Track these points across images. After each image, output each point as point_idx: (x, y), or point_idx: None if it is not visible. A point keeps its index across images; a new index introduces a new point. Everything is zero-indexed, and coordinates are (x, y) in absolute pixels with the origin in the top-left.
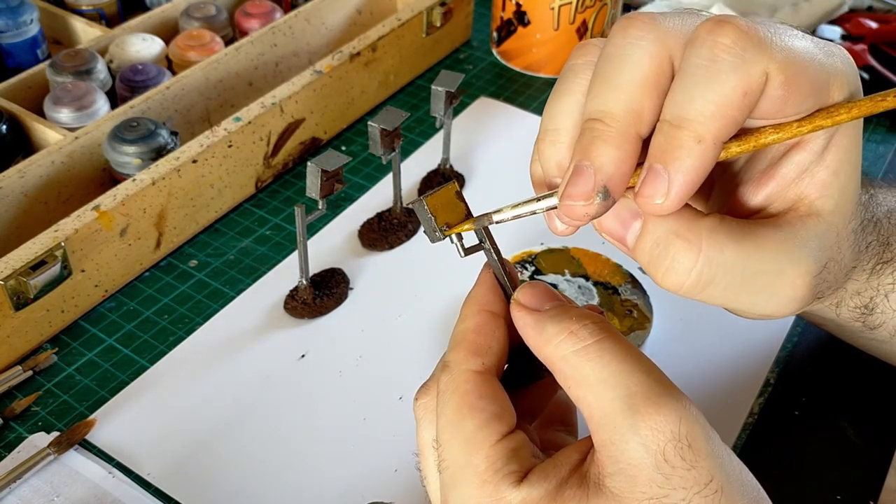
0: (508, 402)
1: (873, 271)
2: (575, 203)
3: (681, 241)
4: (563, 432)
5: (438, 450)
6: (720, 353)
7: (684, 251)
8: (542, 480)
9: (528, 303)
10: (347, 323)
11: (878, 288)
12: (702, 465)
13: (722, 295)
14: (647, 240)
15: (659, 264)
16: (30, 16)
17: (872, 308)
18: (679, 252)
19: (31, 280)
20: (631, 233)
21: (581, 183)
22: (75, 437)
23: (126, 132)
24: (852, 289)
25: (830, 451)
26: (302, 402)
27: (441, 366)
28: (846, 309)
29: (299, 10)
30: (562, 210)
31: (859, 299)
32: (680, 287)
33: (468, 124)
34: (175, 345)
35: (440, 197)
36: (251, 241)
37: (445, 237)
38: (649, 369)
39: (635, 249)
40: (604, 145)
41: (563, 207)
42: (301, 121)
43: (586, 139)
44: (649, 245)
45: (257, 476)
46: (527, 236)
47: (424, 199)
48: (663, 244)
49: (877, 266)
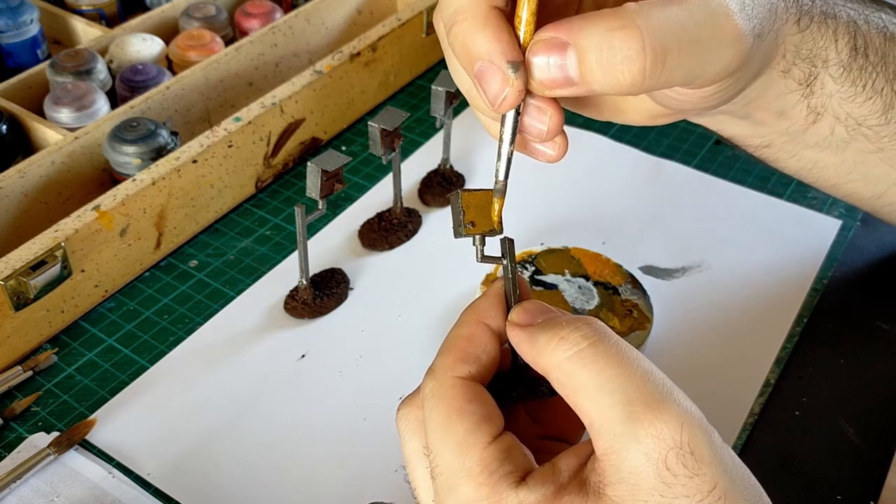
0: (495, 405)
1: (799, 23)
2: (501, 96)
3: (618, 32)
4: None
5: (430, 456)
6: (720, 353)
7: (627, 37)
8: (540, 485)
9: (521, 320)
10: (347, 323)
11: (815, 50)
12: (704, 472)
13: (681, 62)
14: (589, 56)
15: (613, 65)
16: (30, 16)
17: (814, 78)
18: (623, 41)
19: (31, 280)
20: (570, 65)
21: (488, 81)
22: (75, 437)
23: (126, 132)
24: (791, 45)
25: (830, 451)
26: (302, 402)
27: (427, 372)
28: (794, 82)
29: (299, 10)
30: (499, 109)
31: (803, 66)
32: (643, 70)
33: (468, 124)
34: (175, 345)
35: (478, 197)
36: (251, 241)
37: (468, 235)
38: (648, 372)
39: (585, 74)
40: (473, 37)
41: (499, 108)
42: (301, 121)
43: (457, 45)
44: (594, 57)
45: (257, 476)
46: (527, 236)
47: (462, 191)
48: (606, 47)
49: (801, 18)
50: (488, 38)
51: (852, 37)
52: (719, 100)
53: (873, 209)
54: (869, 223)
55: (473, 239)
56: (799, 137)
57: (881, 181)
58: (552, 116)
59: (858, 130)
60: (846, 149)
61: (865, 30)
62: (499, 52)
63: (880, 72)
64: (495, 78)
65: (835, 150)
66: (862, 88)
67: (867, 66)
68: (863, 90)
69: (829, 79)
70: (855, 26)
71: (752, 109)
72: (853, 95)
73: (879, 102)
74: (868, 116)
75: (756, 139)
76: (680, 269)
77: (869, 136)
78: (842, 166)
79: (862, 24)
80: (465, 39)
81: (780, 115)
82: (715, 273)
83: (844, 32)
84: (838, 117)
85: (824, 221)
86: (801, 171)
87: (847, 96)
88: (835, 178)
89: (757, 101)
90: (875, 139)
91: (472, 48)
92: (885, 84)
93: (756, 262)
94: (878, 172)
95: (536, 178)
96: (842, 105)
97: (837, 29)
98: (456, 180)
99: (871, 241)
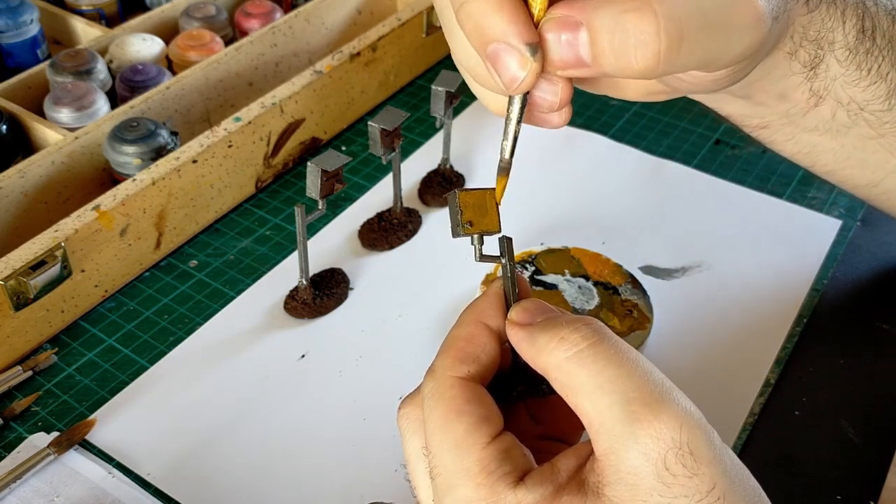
0: (494, 405)
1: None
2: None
3: (632, 14)
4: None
5: (429, 456)
6: (720, 353)
7: (641, 20)
8: (538, 485)
9: (521, 319)
10: (347, 323)
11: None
12: (704, 473)
13: (697, 47)
14: (601, 38)
15: (626, 49)
16: (30, 16)
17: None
18: (637, 24)
19: (31, 280)
20: (582, 46)
21: (504, 63)
22: (75, 437)
23: (126, 132)
24: (799, 26)
25: (830, 451)
26: (302, 402)
27: (427, 372)
28: (798, 64)
29: (299, 10)
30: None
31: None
32: (658, 55)
33: (468, 124)
34: (175, 345)
35: (475, 196)
36: (251, 241)
37: (466, 235)
38: (647, 372)
39: (597, 56)
40: (488, 17)
41: (515, 90)
42: (301, 121)
43: (469, 24)
44: (607, 40)
45: (257, 476)
46: (527, 236)
47: (459, 191)
48: (619, 29)
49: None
50: (505, 18)
51: (860, 18)
52: (730, 82)
53: (868, 197)
54: (869, 223)
55: (472, 238)
56: (798, 120)
57: (879, 168)
58: (563, 87)
59: (860, 115)
60: (846, 134)
61: (874, 11)
62: (516, 33)
63: (886, 56)
64: (512, 59)
65: (834, 135)
66: (867, 72)
67: (874, 50)
68: (868, 74)
69: (834, 62)
70: (864, 7)
71: (754, 90)
72: (857, 79)
73: (883, 87)
74: (871, 101)
75: (754, 119)
76: (680, 269)
77: (871, 121)
78: (840, 151)
79: (871, 6)
80: (480, 19)
81: (781, 96)
82: (715, 273)
83: (852, 14)
84: (840, 101)
85: (824, 221)
86: (798, 154)
87: (851, 80)
88: (832, 163)
89: (759, 82)
90: (877, 125)
91: (486, 28)
92: (891, 69)
93: (756, 262)
94: (877, 159)
95: (536, 178)
96: (845, 89)
97: (846, 10)
98: (456, 180)
99: (871, 241)
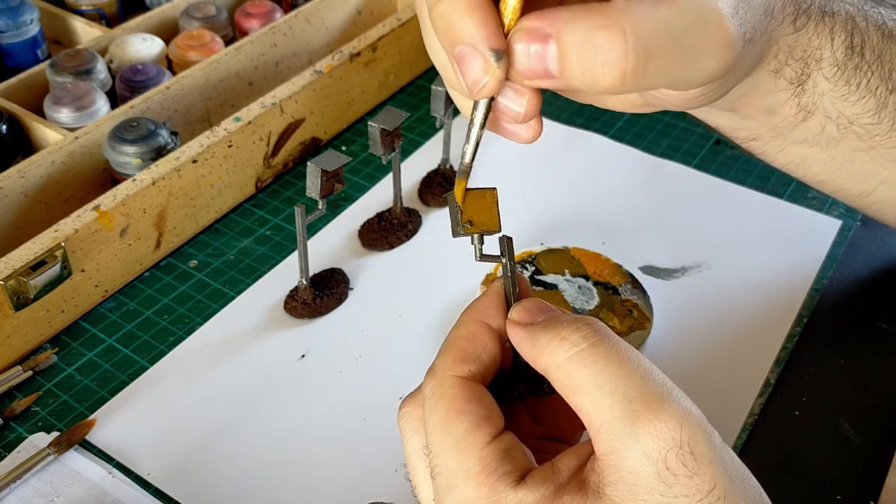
0: (495, 405)
1: (796, 23)
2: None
3: (602, 31)
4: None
5: (430, 456)
6: (720, 353)
7: (610, 38)
8: (539, 485)
9: (522, 318)
10: (347, 323)
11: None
12: (704, 472)
13: (664, 68)
14: (570, 52)
15: (593, 65)
16: (30, 16)
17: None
18: (606, 41)
19: (31, 280)
20: (550, 58)
21: (469, 66)
22: (75, 437)
23: (126, 132)
24: (785, 45)
25: (830, 451)
26: (302, 402)
27: (428, 372)
28: (784, 81)
29: (299, 10)
30: (477, 95)
31: (795, 66)
32: (624, 74)
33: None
34: (175, 345)
35: (475, 195)
36: (251, 241)
37: (466, 235)
38: (648, 372)
39: (565, 70)
40: (457, 19)
41: (476, 94)
42: (301, 121)
43: (440, 23)
44: (575, 54)
45: (257, 476)
46: (527, 236)
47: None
48: (588, 45)
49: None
50: (473, 22)
51: (849, 35)
52: (705, 101)
53: (861, 206)
54: (869, 223)
55: (472, 238)
56: (787, 133)
57: (870, 179)
58: (529, 99)
59: (850, 129)
60: (836, 146)
61: (864, 27)
62: (483, 37)
63: (875, 70)
64: (476, 64)
65: (824, 147)
66: (856, 87)
67: (862, 65)
68: (856, 89)
69: (821, 78)
70: (853, 23)
71: (740, 105)
72: (846, 94)
73: (873, 101)
74: (860, 115)
75: (743, 132)
76: (680, 269)
77: (861, 134)
78: (830, 163)
79: (860, 21)
80: (450, 20)
81: (769, 111)
82: (715, 273)
83: (841, 30)
84: (829, 115)
85: (824, 221)
86: (789, 165)
87: (840, 95)
88: (823, 174)
89: (746, 98)
90: (866, 138)
91: (455, 30)
92: (880, 83)
93: (756, 262)
94: (867, 171)
95: (537, 178)
96: (834, 104)
97: (835, 27)
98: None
99: (871, 241)
